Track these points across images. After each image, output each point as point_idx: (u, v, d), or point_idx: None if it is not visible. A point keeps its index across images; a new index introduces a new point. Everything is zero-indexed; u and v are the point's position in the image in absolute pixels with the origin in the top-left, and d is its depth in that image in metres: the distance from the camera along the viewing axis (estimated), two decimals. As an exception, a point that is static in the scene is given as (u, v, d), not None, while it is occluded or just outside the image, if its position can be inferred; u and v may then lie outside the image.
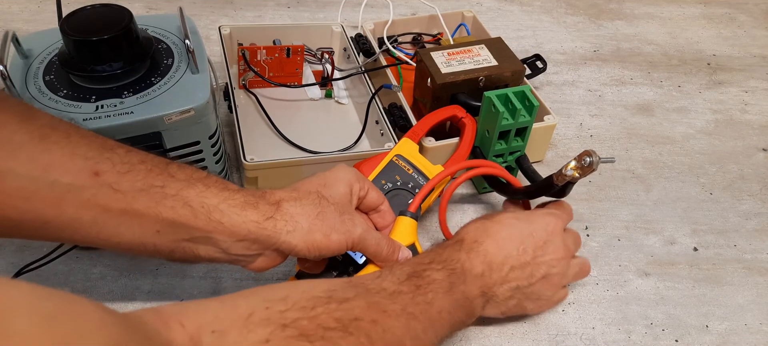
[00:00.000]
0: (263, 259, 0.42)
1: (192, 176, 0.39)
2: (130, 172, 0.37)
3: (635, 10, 1.01)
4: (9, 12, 0.87)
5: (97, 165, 0.36)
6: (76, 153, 0.36)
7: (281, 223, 0.41)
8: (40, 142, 0.35)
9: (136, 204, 0.36)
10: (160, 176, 0.38)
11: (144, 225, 0.37)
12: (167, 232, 0.38)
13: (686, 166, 0.70)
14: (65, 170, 0.35)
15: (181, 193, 0.38)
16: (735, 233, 0.63)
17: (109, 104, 0.47)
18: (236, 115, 0.60)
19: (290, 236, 0.41)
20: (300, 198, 0.42)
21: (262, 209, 0.40)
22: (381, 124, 0.63)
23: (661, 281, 0.57)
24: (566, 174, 0.48)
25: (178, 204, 0.37)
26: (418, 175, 0.55)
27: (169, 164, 0.39)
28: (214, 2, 0.94)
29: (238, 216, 0.39)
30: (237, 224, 0.39)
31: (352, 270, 0.51)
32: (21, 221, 0.35)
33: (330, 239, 0.42)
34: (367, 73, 0.70)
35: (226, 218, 0.39)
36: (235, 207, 0.39)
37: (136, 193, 0.36)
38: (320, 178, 0.46)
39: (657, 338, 0.52)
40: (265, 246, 0.41)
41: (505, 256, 0.46)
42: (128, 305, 0.51)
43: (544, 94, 0.80)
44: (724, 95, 0.83)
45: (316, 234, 0.41)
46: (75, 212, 0.35)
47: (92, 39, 0.46)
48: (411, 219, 0.50)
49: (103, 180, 0.36)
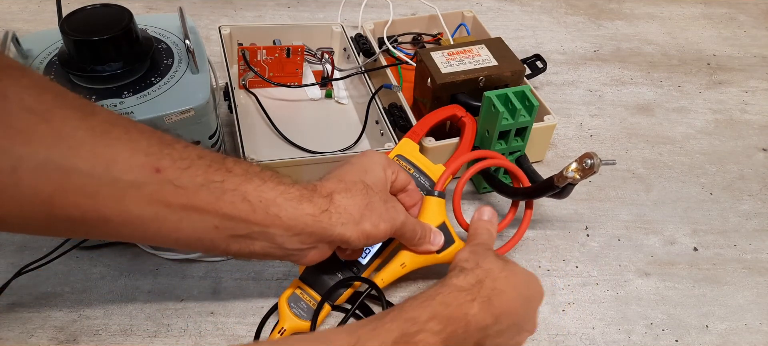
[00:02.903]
0: (315, 252, 0.42)
1: (249, 171, 0.39)
2: (191, 167, 0.36)
3: (635, 10, 1.01)
4: (9, 12, 0.87)
5: (159, 161, 0.35)
6: (138, 149, 0.35)
7: (335, 216, 0.41)
8: (102, 138, 0.34)
9: (196, 200, 0.36)
10: (219, 171, 0.37)
11: (204, 220, 0.37)
12: (225, 227, 0.38)
13: (686, 166, 0.70)
14: (127, 167, 0.34)
15: (240, 188, 0.38)
16: (735, 233, 0.63)
17: (109, 104, 0.47)
18: (236, 115, 0.60)
19: (344, 227, 0.41)
20: (349, 189, 0.43)
21: (316, 202, 0.40)
22: (381, 124, 0.63)
23: (661, 281, 0.57)
24: (567, 176, 0.49)
25: (237, 199, 0.37)
26: (419, 174, 0.55)
27: (225, 159, 0.39)
28: (214, 2, 0.94)
29: (295, 210, 0.39)
30: (294, 218, 0.39)
31: (357, 270, 0.51)
32: (83, 219, 0.34)
33: (378, 227, 0.43)
34: (367, 73, 0.70)
35: (284, 212, 0.39)
36: (291, 201, 0.39)
37: (197, 188, 0.36)
38: (358, 165, 0.46)
39: (657, 338, 0.52)
40: (320, 239, 0.41)
41: (512, 313, 0.43)
42: (128, 305, 0.51)
43: (544, 94, 0.80)
44: (724, 95, 0.83)
45: (366, 224, 0.42)
46: (137, 208, 0.35)
47: (92, 39, 0.46)
48: (439, 198, 0.51)
49: (164, 176, 0.35)
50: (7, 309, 0.50)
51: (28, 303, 0.50)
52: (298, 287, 0.50)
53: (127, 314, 0.50)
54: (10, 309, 0.50)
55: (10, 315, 0.49)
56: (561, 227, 0.62)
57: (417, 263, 0.50)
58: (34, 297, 0.51)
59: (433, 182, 0.55)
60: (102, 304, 0.51)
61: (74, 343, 0.48)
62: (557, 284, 0.56)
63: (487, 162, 0.55)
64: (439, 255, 0.51)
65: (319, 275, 0.50)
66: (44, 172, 0.32)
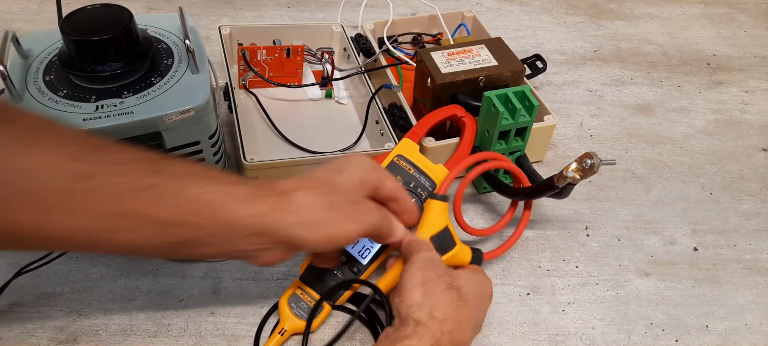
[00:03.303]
0: (271, 253, 0.40)
1: (191, 171, 0.37)
2: (124, 172, 0.34)
3: (635, 10, 1.01)
4: (9, 12, 0.87)
5: (89, 167, 0.33)
6: (65, 155, 0.33)
7: (290, 215, 0.38)
8: (24, 147, 0.32)
9: (133, 206, 0.34)
10: (157, 173, 0.35)
11: (142, 227, 0.35)
12: (168, 232, 0.36)
13: (686, 166, 0.70)
14: (53, 175, 0.32)
15: (182, 190, 0.36)
16: (735, 233, 0.63)
17: (109, 104, 0.47)
18: (236, 115, 0.60)
19: (300, 228, 0.38)
20: (311, 187, 0.40)
21: (268, 201, 0.38)
22: (381, 124, 0.63)
23: (661, 281, 0.57)
24: (567, 176, 0.49)
25: (179, 202, 0.35)
26: (419, 175, 0.55)
27: (164, 160, 0.37)
28: (214, 2, 0.94)
29: (243, 210, 0.37)
30: (242, 219, 0.37)
31: (357, 271, 0.51)
32: (8, 233, 0.32)
33: (343, 229, 0.40)
34: (367, 73, 0.70)
35: (232, 213, 0.37)
36: (239, 201, 0.37)
37: (132, 194, 0.34)
38: (334, 164, 0.44)
39: (657, 338, 0.52)
40: (274, 240, 0.38)
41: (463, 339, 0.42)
42: (128, 305, 0.51)
43: (544, 94, 0.80)
44: (724, 95, 0.83)
45: (329, 225, 0.39)
46: (67, 219, 0.33)
47: (92, 39, 0.46)
48: (441, 202, 0.50)
49: (95, 183, 0.33)
50: (7, 309, 0.50)
51: (28, 303, 0.50)
52: (299, 288, 0.50)
53: (127, 314, 0.50)
54: (10, 309, 0.50)
55: (10, 315, 0.49)
56: (561, 227, 0.62)
57: None
58: (34, 297, 0.51)
59: (433, 182, 0.55)
60: (102, 304, 0.51)
61: (74, 343, 0.48)
62: (557, 284, 0.56)
63: (490, 164, 0.55)
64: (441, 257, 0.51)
65: (320, 275, 0.50)
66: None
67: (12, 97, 0.46)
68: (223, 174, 0.39)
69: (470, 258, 0.51)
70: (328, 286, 0.50)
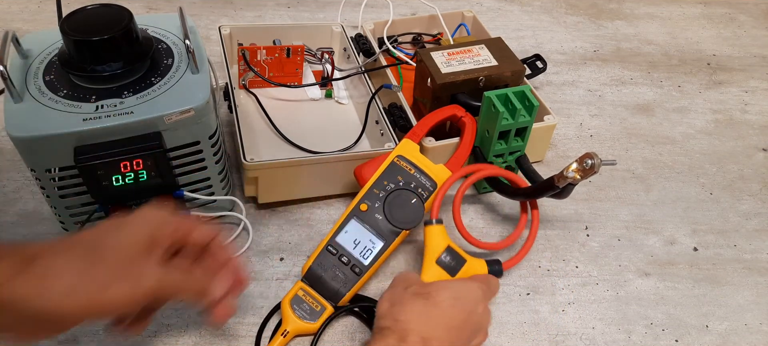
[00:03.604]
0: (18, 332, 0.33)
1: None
2: None
3: (635, 10, 1.01)
4: (9, 12, 0.87)
5: None
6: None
7: (32, 281, 0.32)
8: None
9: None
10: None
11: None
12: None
13: (686, 167, 0.70)
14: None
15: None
16: (735, 233, 0.63)
17: (109, 104, 0.47)
18: (236, 115, 0.60)
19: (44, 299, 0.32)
20: (67, 249, 0.34)
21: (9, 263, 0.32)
22: (381, 124, 0.63)
23: (661, 281, 0.57)
24: (567, 176, 0.49)
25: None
26: (420, 175, 0.55)
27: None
28: (214, 2, 0.94)
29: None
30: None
31: (359, 272, 0.51)
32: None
33: (108, 292, 0.34)
34: (367, 73, 0.69)
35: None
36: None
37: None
38: (113, 221, 0.38)
39: (657, 338, 0.52)
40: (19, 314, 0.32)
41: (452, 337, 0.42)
42: (128, 305, 0.51)
43: (544, 94, 0.80)
44: (724, 95, 0.83)
45: (85, 292, 0.33)
46: None
47: (92, 39, 0.46)
48: (438, 225, 0.51)
49: None
50: (7, 309, 0.50)
51: (28, 303, 0.50)
52: (301, 289, 0.50)
53: (127, 314, 0.50)
54: (10, 309, 0.50)
55: (10, 315, 0.49)
56: (561, 227, 0.62)
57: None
58: (34, 297, 0.51)
59: (434, 182, 0.55)
60: (102, 304, 0.51)
61: (74, 343, 0.48)
62: (557, 284, 0.56)
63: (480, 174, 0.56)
64: (453, 278, 0.50)
65: (322, 276, 0.50)
66: None
67: (12, 97, 0.46)
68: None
69: (486, 271, 0.52)
70: (330, 286, 0.50)
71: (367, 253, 0.51)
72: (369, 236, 0.52)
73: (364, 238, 0.52)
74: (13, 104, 0.46)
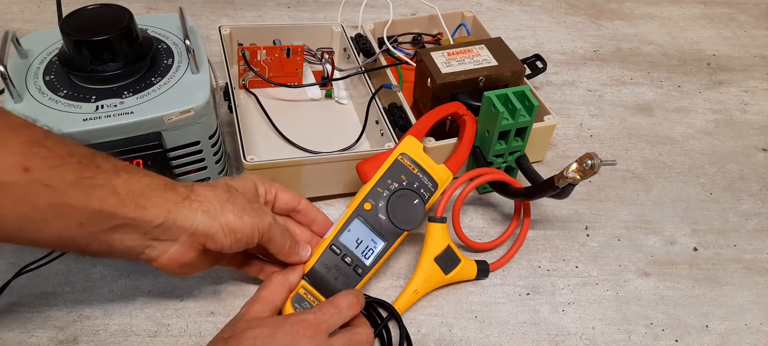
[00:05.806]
0: (177, 248, 0.42)
1: (117, 166, 0.39)
2: (62, 165, 0.36)
3: (635, 10, 1.01)
4: (9, 12, 0.87)
5: (28, 160, 0.35)
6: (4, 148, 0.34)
7: (196, 203, 0.41)
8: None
9: (67, 198, 0.36)
10: (89, 167, 0.37)
11: (70, 219, 0.36)
12: (90, 223, 0.37)
13: (686, 167, 0.70)
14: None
15: (109, 182, 0.38)
16: (735, 233, 0.63)
17: (109, 104, 0.47)
18: (236, 115, 0.60)
19: (205, 216, 0.41)
20: (211, 185, 0.44)
21: (178, 190, 0.41)
22: (381, 124, 0.63)
23: (661, 281, 0.57)
24: (567, 176, 0.49)
25: (106, 193, 0.37)
26: (423, 174, 0.55)
27: (95, 155, 0.39)
28: (214, 2, 0.94)
29: (159, 198, 0.40)
30: (158, 205, 0.40)
31: (361, 272, 0.51)
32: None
33: (243, 219, 0.43)
34: (367, 73, 0.69)
35: (149, 202, 0.39)
36: (157, 189, 0.40)
37: (68, 186, 0.36)
38: (227, 178, 0.47)
39: (657, 338, 0.52)
40: (182, 230, 0.41)
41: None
42: (128, 305, 0.51)
43: (544, 94, 0.80)
44: (724, 95, 0.83)
45: (229, 215, 0.42)
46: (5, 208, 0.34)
47: (92, 39, 0.46)
48: (441, 223, 0.53)
49: (33, 176, 0.35)
50: (7, 309, 0.50)
51: (28, 303, 0.50)
52: (303, 288, 0.50)
53: (127, 314, 0.50)
54: (10, 309, 0.50)
55: (10, 315, 0.49)
56: (561, 227, 0.62)
57: (427, 288, 0.53)
58: (34, 297, 0.51)
59: (435, 182, 0.55)
60: (102, 304, 0.51)
61: (74, 343, 0.48)
62: (557, 284, 0.56)
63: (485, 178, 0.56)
64: (446, 276, 0.53)
65: (324, 275, 0.50)
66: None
67: (12, 97, 0.46)
68: (143, 170, 0.41)
69: (476, 271, 0.55)
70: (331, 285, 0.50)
71: (368, 253, 0.51)
72: (371, 235, 0.52)
73: (367, 237, 0.52)
74: (13, 104, 0.46)
